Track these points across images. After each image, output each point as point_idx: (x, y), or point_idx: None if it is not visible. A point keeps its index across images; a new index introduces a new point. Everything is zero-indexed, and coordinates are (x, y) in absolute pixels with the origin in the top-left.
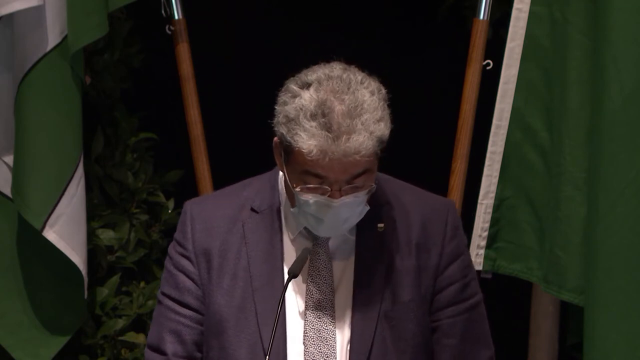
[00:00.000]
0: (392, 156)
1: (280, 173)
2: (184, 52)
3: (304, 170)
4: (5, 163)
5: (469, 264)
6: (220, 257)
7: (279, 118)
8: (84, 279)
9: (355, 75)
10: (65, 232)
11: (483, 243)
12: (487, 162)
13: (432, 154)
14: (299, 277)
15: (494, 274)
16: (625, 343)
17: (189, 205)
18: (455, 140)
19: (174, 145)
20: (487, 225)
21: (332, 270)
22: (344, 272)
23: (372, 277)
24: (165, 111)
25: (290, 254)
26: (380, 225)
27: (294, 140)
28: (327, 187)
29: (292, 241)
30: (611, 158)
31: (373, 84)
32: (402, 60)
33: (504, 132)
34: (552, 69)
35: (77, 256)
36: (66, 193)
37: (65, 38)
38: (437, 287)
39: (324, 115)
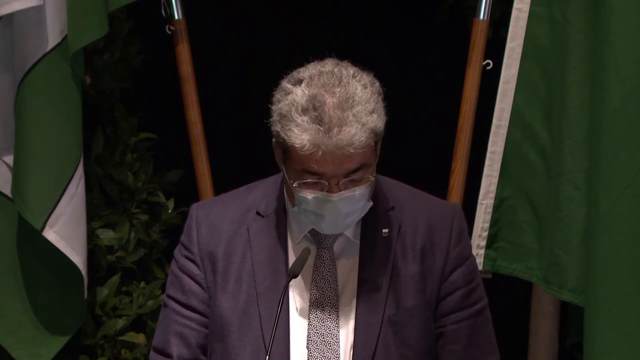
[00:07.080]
0: (392, 156)
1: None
2: (184, 52)
3: (301, 169)
4: (5, 163)
5: (474, 269)
6: (224, 261)
7: (274, 117)
8: (84, 279)
9: (347, 70)
10: (65, 232)
11: (483, 243)
12: (487, 162)
13: (432, 154)
14: (303, 280)
15: (494, 274)
16: (625, 343)
17: (195, 208)
18: (455, 140)
19: (174, 145)
20: (487, 225)
21: (337, 274)
22: (348, 276)
23: (376, 281)
24: (165, 111)
25: (294, 258)
26: (385, 230)
27: (287, 137)
28: (324, 182)
29: (297, 245)
30: (611, 158)
31: (365, 77)
32: (402, 61)
33: (504, 132)
34: (552, 69)
35: (77, 256)
36: (66, 193)
37: (65, 38)
38: (442, 293)
39: (315, 109)
